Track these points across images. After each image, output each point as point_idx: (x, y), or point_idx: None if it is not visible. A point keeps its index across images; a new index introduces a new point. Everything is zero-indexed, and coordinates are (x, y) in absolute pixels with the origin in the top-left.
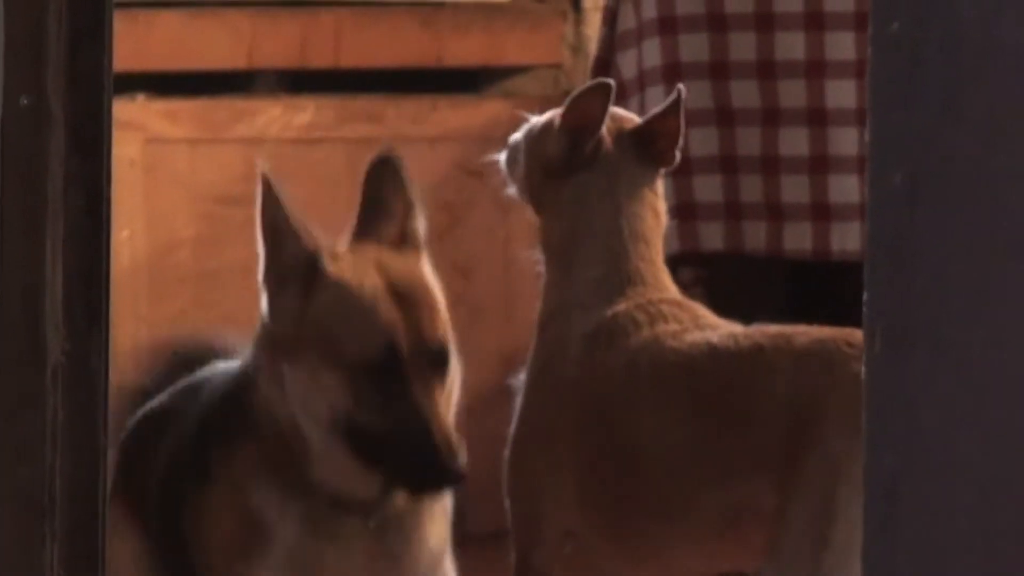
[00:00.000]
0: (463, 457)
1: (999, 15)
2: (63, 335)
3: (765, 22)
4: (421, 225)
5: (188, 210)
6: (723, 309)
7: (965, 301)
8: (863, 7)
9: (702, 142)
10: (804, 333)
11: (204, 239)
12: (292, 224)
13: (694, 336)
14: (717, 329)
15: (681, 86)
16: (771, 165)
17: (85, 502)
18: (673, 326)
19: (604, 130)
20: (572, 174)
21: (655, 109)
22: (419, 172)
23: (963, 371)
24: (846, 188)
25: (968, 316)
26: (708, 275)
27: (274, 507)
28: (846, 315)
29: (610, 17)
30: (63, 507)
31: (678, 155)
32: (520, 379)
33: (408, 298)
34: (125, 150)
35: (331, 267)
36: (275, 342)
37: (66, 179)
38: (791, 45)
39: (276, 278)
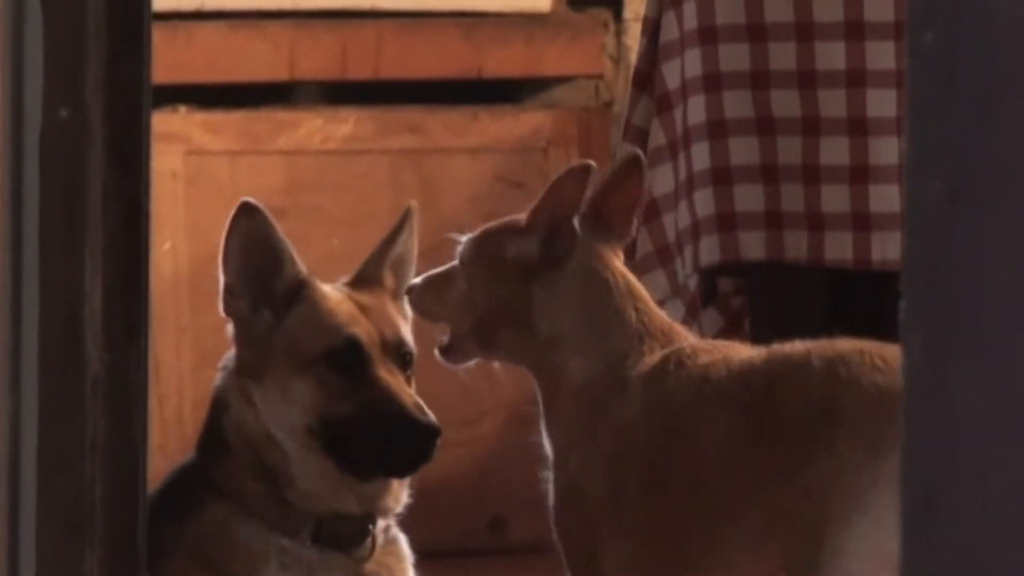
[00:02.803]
0: (432, 415)
1: None
2: (102, 347)
3: (805, 31)
4: (406, 278)
5: None
6: (763, 319)
7: (1003, 309)
8: (903, 16)
9: (742, 152)
10: (847, 342)
11: None
12: (291, 249)
13: (758, 350)
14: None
15: (635, 148)
16: (812, 174)
17: (124, 512)
18: (740, 350)
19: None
20: (551, 269)
21: (608, 173)
22: (459, 183)
23: (1002, 379)
24: (887, 197)
25: (1006, 324)
26: (748, 285)
27: (257, 544)
28: (887, 325)
29: (650, 28)
30: (103, 517)
31: (635, 226)
32: (544, 439)
33: (370, 309)
34: (167, 162)
35: (309, 290)
36: (244, 366)
37: (105, 191)
38: (832, 54)
39: (252, 302)
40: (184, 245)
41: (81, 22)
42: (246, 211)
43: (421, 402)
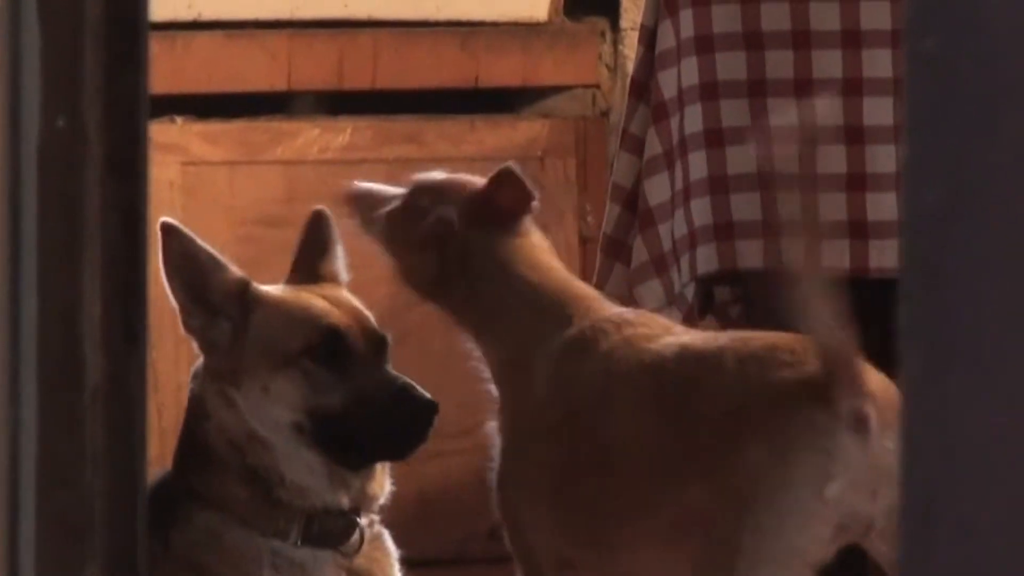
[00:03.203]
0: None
1: None
2: (102, 356)
3: (802, 40)
4: (342, 268)
5: (228, 232)
6: (761, 327)
7: (1001, 318)
8: (900, 24)
9: (739, 161)
10: (762, 338)
11: (244, 261)
12: (215, 258)
13: (667, 339)
14: (690, 334)
15: (512, 163)
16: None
17: (124, 525)
18: (643, 331)
19: (456, 228)
20: (448, 278)
21: (488, 179)
22: None
23: (1000, 389)
24: (884, 205)
25: (1005, 332)
26: (745, 294)
27: (248, 549)
28: (884, 332)
29: (647, 37)
30: (102, 530)
31: (535, 204)
32: (493, 426)
33: (340, 302)
34: (164, 173)
35: (261, 290)
36: (217, 373)
37: (103, 201)
38: (828, 63)
39: (204, 314)
40: None
41: (78, 32)
42: (165, 232)
43: (412, 382)
